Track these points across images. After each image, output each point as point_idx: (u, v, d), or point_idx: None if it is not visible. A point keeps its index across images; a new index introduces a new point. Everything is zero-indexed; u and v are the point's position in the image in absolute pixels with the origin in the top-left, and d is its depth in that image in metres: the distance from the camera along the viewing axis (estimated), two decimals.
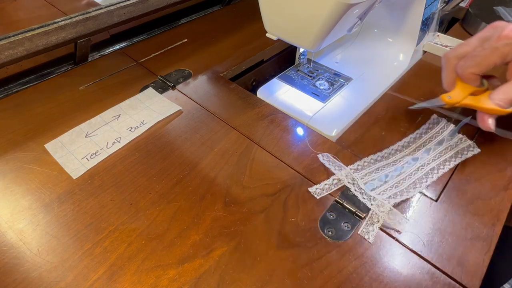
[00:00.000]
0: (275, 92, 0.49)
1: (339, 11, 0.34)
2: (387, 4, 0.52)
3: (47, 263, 0.29)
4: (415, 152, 0.38)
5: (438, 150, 0.38)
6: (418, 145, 0.39)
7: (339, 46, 0.59)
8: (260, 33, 0.57)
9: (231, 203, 0.33)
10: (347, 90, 0.50)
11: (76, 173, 0.36)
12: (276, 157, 0.38)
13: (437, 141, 0.39)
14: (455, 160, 0.37)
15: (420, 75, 0.52)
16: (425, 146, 0.39)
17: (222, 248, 0.30)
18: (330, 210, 0.33)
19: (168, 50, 0.56)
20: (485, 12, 0.61)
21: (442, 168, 0.36)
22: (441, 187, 0.35)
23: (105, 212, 0.32)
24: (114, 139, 0.40)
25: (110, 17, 0.49)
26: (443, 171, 0.36)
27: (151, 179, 0.36)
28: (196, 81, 0.49)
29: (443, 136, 0.39)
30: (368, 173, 0.36)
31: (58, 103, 0.45)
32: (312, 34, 0.37)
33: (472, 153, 0.37)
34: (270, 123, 0.42)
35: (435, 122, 0.42)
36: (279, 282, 0.28)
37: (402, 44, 0.54)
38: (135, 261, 0.29)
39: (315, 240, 0.31)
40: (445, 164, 0.37)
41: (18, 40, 0.42)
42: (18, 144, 0.39)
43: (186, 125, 0.42)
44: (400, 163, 0.37)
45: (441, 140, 0.39)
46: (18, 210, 0.33)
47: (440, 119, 0.42)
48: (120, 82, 0.49)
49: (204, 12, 0.68)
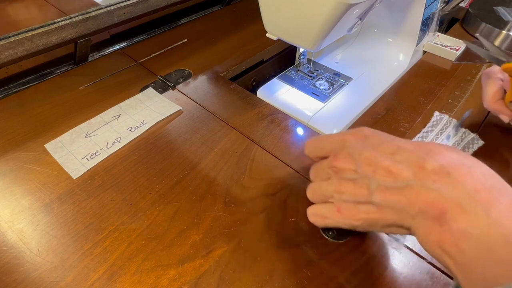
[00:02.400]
0: (275, 92, 0.49)
1: (339, 11, 0.34)
2: (387, 4, 0.52)
3: (47, 263, 0.29)
4: None
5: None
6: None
7: (339, 46, 0.59)
8: (260, 33, 0.57)
9: (231, 203, 0.33)
10: (347, 90, 0.50)
11: (76, 173, 0.36)
12: (276, 157, 0.38)
13: (444, 137, 0.39)
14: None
15: (420, 75, 0.52)
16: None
17: (222, 248, 0.30)
18: None
19: (168, 50, 0.56)
20: (485, 12, 0.61)
21: None
22: None
23: (105, 212, 0.32)
24: (114, 139, 0.40)
25: (110, 17, 0.49)
26: None
27: (151, 179, 0.36)
28: (196, 81, 0.49)
29: (448, 132, 0.39)
30: None
31: (58, 103, 0.45)
32: (312, 34, 0.37)
33: (477, 145, 0.38)
34: (270, 123, 0.42)
35: (438, 118, 0.42)
36: (279, 282, 0.28)
37: (402, 44, 0.54)
38: (135, 261, 0.29)
39: (315, 240, 0.31)
40: None
41: (18, 40, 0.41)
42: (18, 144, 0.39)
43: (186, 125, 0.42)
44: None
45: (448, 135, 0.39)
46: (18, 210, 0.33)
47: (443, 115, 0.42)
48: (120, 82, 0.49)
49: (204, 12, 0.68)
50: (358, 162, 0.25)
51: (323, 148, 0.29)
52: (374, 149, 0.25)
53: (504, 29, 0.56)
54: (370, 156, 0.25)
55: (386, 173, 0.24)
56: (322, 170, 0.29)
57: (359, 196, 0.25)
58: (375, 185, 0.24)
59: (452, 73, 0.52)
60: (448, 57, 0.55)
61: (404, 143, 0.25)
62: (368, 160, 0.25)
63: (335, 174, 0.27)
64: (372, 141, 0.26)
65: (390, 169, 0.24)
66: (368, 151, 0.25)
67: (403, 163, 0.24)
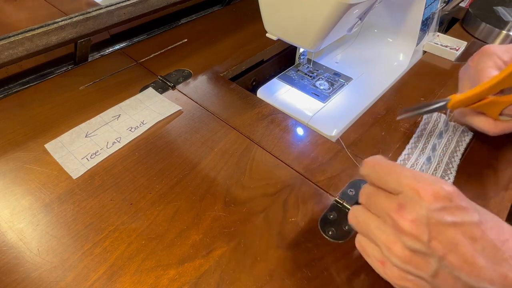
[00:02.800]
0: (275, 92, 0.49)
1: (339, 11, 0.34)
2: (387, 4, 0.52)
3: (47, 263, 0.29)
4: (424, 151, 0.39)
5: (442, 143, 0.39)
6: (424, 143, 0.40)
7: (339, 46, 0.59)
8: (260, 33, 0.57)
9: (231, 203, 0.33)
10: (347, 90, 0.50)
11: (76, 173, 0.36)
12: (276, 157, 0.38)
13: (437, 135, 0.39)
14: (459, 149, 0.38)
15: (420, 75, 0.52)
16: (430, 143, 0.39)
17: (222, 248, 0.30)
18: (330, 210, 0.33)
19: (168, 50, 0.56)
20: (485, 12, 0.61)
21: (455, 161, 0.37)
22: None
23: (105, 212, 0.32)
24: (114, 139, 0.40)
25: (110, 17, 0.49)
26: (456, 164, 0.37)
27: (151, 179, 0.36)
28: (196, 81, 0.49)
29: (440, 129, 0.40)
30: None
31: (58, 103, 0.45)
32: (312, 34, 0.37)
33: (468, 138, 0.39)
34: (270, 123, 0.42)
35: (429, 116, 0.42)
36: (279, 282, 0.28)
37: (402, 44, 0.54)
38: (135, 261, 0.29)
39: (315, 240, 0.31)
40: (454, 155, 0.38)
41: (18, 40, 0.41)
42: (18, 144, 0.39)
43: (186, 125, 0.42)
44: (418, 166, 0.37)
45: (440, 132, 0.40)
46: (18, 210, 0.33)
47: (433, 113, 0.42)
48: (120, 82, 0.49)
49: (204, 12, 0.68)
50: (430, 235, 0.21)
51: (387, 182, 0.24)
52: (454, 226, 0.21)
53: (504, 29, 0.56)
54: (448, 235, 0.21)
55: (462, 262, 0.20)
56: (380, 206, 0.24)
57: (414, 269, 0.22)
58: (441, 269, 0.21)
59: (452, 73, 0.52)
60: (448, 57, 0.55)
61: (489, 226, 0.22)
62: (444, 238, 0.21)
63: (393, 228, 0.23)
64: (455, 212, 0.21)
65: (468, 260, 0.20)
66: (447, 226, 0.21)
67: (485, 260, 0.20)
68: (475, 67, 0.35)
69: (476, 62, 0.35)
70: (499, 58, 0.34)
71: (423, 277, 0.22)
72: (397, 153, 0.39)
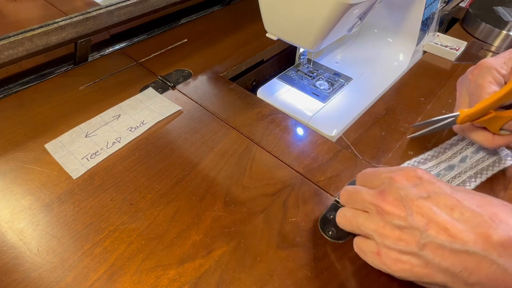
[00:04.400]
0: (275, 92, 0.49)
1: (339, 11, 0.34)
2: (387, 4, 0.52)
3: (47, 263, 0.29)
4: (451, 159, 0.37)
5: (475, 158, 0.37)
6: (454, 152, 0.38)
7: (339, 46, 0.59)
8: (260, 33, 0.57)
9: (231, 203, 0.33)
10: (347, 90, 0.50)
11: (76, 173, 0.36)
12: (276, 157, 0.38)
13: (473, 150, 0.38)
14: (492, 169, 0.36)
15: (420, 75, 0.52)
16: (461, 154, 0.38)
17: (222, 248, 0.30)
18: (330, 210, 0.33)
19: (168, 50, 0.56)
20: (485, 12, 0.61)
21: (479, 177, 0.36)
22: None
23: (105, 212, 0.32)
24: (114, 139, 0.40)
25: (110, 17, 0.49)
26: (480, 180, 0.35)
27: (151, 179, 0.36)
28: (196, 81, 0.49)
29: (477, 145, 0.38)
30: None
31: (58, 103, 0.45)
32: (312, 34, 0.37)
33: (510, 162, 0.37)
34: (270, 123, 0.42)
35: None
36: (279, 282, 0.28)
37: (402, 44, 0.54)
38: (135, 261, 0.29)
39: (315, 240, 0.31)
40: (483, 173, 0.36)
41: (18, 40, 0.42)
42: (18, 144, 0.39)
43: (186, 125, 0.42)
44: (436, 169, 0.37)
45: (477, 148, 0.38)
46: (18, 210, 0.33)
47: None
48: (120, 82, 0.49)
49: (204, 12, 0.68)
50: (410, 210, 0.23)
51: (372, 181, 0.28)
52: (429, 199, 0.23)
53: (504, 29, 0.56)
54: (424, 206, 0.23)
55: (441, 230, 0.22)
56: (361, 201, 0.27)
57: (405, 245, 0.24)
58: (426, 239, 0.23)
59: (452, 73, 0.52)
60: (448, 57, 0.55)
61: (463, 197, 0.23)
62: (421, 210, 0.23)
63: (379, 214, 0.25)
64: (427, 187, 0.24)
65: (447, 227, 0.22)
66: (422, 199, 0.23)
67: (464, 224, 0.22)
68: (474, 82, 0.35)
69: (476, 77, 0.35)
70: (498, 72, 0.34)
71: (414, 251, 0.23)
72: (397, 153, 0.39)
